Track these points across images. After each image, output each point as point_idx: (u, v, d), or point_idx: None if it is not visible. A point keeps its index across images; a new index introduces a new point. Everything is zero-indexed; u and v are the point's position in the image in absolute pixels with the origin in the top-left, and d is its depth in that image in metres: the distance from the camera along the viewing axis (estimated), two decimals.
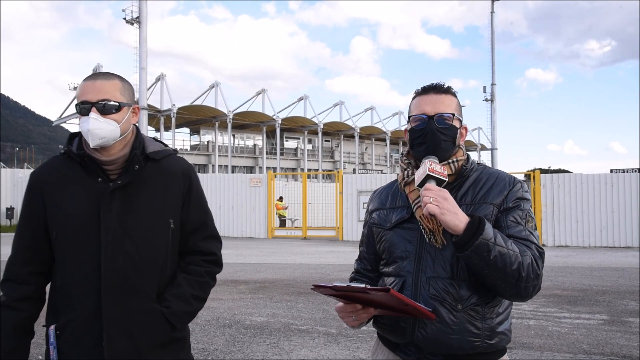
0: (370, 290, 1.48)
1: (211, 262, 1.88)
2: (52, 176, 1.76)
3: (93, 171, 1.72)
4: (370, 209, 1.88)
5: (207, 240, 1.87)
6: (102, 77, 1.73)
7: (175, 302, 1.75)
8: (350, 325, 1.67)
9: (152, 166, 1.78)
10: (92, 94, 1.70)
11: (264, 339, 5.33)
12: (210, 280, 1.87)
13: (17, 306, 1.73)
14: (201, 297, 1.83)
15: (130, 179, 1.72)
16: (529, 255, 1.56)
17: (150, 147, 1.80)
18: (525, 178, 17.74)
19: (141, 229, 1.72)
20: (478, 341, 1.60)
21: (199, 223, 1.85)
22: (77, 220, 1.70)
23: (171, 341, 1.76)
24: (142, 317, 1.70)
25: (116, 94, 1.72)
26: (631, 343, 5.25)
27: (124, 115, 1.73)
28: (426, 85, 1.75)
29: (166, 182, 1.79)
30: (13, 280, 1.75)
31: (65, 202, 1.71)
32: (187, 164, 1.89)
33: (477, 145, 63.00)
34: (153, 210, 1.75)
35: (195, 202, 1.85)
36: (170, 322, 1.73)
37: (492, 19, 44.13)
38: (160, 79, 41.84)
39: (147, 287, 1.72)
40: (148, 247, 1.73)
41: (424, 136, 1.69)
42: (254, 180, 20.20)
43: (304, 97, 49.92)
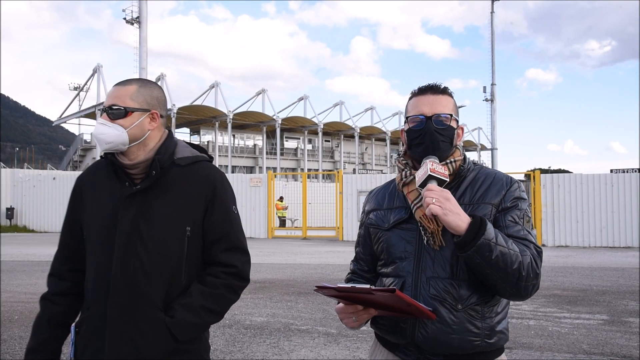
0: (376, 291, 1.47)
1: (231, 274, 1.77)
2: (90, 179, 1.83)
3: (121, 175, 1.76)
4: (366, 209, 1.87)
5: (228, 252, 1.78)
6: (122, 83, 1.76)
7: (180, 312, 1.68)
8: (350, 326, 1.67)
9: (177, 172, 1.76)
10: (108, 100, 1.75)
11: (264, 339, 5.33)
12: (227, 293, 1.76)
13: (55, 300, 1.81)
14: (214, 310, 1.73)
15: (150, 184, 1.71)
16: (528, 255, 1.57)
17: (179, 152, 1.79)
18: (525, 178, 17.74)
19: (154, 234, 1.70)
20: (478, 340, 1.60)
21: (221, 233, 1.77)
22: (100, 223, 1.74)
23: (175, 352, 1.70)
24: (146, 324, 1.67)
25: (126, 99, 1.73)
26: (631, 343, 5.25)
27: (134, 120, 1.72)
28: (423, 86, 1.75)
29: (188, 188, 1.75)
30: (55, 275, 1.84)
31: (95, 204, 1.77)
32: (215, 171, 1.83)
33: (477, 145, 62.99)
34: (169, 216, 1.72)
35: (218, 211, 1.77)
36: (171, 332, 1.67)
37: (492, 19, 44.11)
38: (160, 79, 41.82)
39: (154, 294, 1.68)
40: (159, 253, 1.70)
41: (422, 137, 1.69)
42: (254, 180, 20.20)
43: (304, 97, 49.93)
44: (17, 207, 22.23)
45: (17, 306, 6.74)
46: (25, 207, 22.27)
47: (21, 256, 12.42)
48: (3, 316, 6.19)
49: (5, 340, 5.24)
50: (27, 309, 6.58)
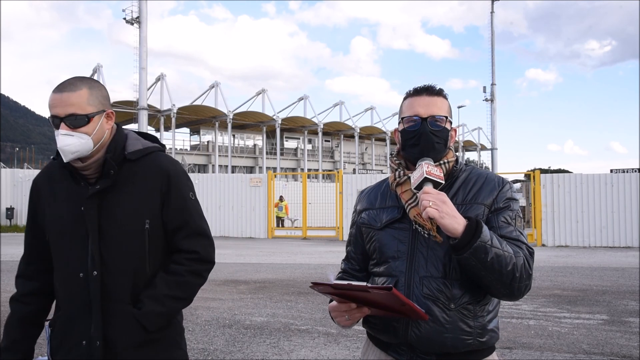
0: (372, 288, 1.48)
1: (193, 259, 1.81)
2: (46, 181, 1.84)
3: (76, 176, 1.77)
4: (358, 208, 1.88)
5: (188, 238, 1.82)
6: (68, 88, 1.69)
7: (147, 304, 1.74)
8: (343, 324, 1.68)
9: (129, 167, 1.77)
10: (60, 108, 1.68)
11: (264, 339, 5.33)
12: (192, 279, 1.81)
13: (24, 300, 1.85)
14: (179, 297, 1.79)
15: (109, 183, 1.74)
16: (521, 256, 1.59)
17: (130, 146, 1.79)
18: (525, 178, 17.74)
19: (115, 232, 1.74)
20: (470, 339, 1.62)
21: (180, 221, 1.81)
22: (61, 224, 1.77)
23: (148, 342, 1.75)
24: (116, 319, 1.72)
25: (84, 105, 1.69)
26: (631, 343, 5.26)
27: (95, 125, 1.71)
28: (418, 87, 1.76)
29: (143, 182, 1.77)
30: (22, 277, 1.88)
31: (54, 205, 1.79)
32: (167, 161, 1.84)
33: (477, 145, 62.96)
34: (127, 212, 1.75)
35: (175, 201, 1.80)
36: (141, 323, 1.72)
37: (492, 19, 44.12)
38: (160, 79, 41.83)
39: (121, 290, 1.74)
40: (122, 250, 1.74)
41: (417, 138, 1.69)
42: (254, 180, 20.20)
43: (304, 97, 49.92)
44: (17, 207, 22.23)
45: None
46: (25, 207, 22.01)
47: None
48: (3, 316, 6.19)
49: None
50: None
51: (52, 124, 1.71)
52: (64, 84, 1.71)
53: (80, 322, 1.73)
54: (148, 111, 32.75)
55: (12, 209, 21.98)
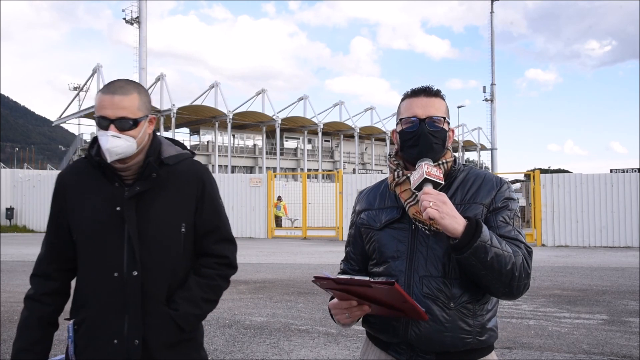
0: (374, 283, 1.47)
1: (223, 264, 1.90)
2: (74, 179, 1.84)
3: (110, 176, 1.79)
4: (357, 209, 1.89)
5: (220, 243, 1.90)
6: (120, 91, 1.74)
7: (183, 305, 1.79)
8: (342, 322, 1.68)
9: (166, 171, 1.82)
10: (111, 110, 1.72)
11: (264, 339, 5.33)
12: (222, 283, 1.90)
13: (43, 300, 1.83)
14: (211, 300, 1.87)
15: (149, 186, 1.78)
16: (520, 255, 1.60)
17: (166, 151, 1.85)
18: (525, 178, 17.73)
19: (154, 234, 1.78)
20: (470, 338, 1.63)
21: (212, 226, 1.88)
22: (95, 223, 1.77)
23: (180, 342, 1.81)
24: (153, 319, 1.75)
25: (134, 110, 1.75)
26: (631, 343, 5.26)
27: (141, 129, 1.77)
28: (416, 88, 1.77)
29: (179, 186, 1.84)
30: (40, 276, 1.85)
31: (85, 204, 1.79)
32: (202, 168, 1.92)
33: (477, 145, 62.94)
34: (166, 215, 1.80)
35: (208, 206, 1.88)
36: (178, 324, 1.78)
37: (491, 19, 44.16)
38: (160, 79, 41.84)
39: (158, 290, 1.78)
40: (160, 253, 1.79)
41: (416, 138, 1.70)
42: (254, 180, 20.20)
43: (304, 97, 49.91)
44: (17, 207, 22.22)
45: (17, 306, 6.74)
46: (25, 207, 22.27)
47: (21, 256, 12.42)
48: (3, 316, 6.19)
49: (5, 341, 5.25)
50: None
51: (97, 123, 1.74)
52: (115, 86, 1.75)
53: (112, 321, 1.74)
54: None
55: (12, 209, 21.98)
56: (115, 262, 1.74)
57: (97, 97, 1.77)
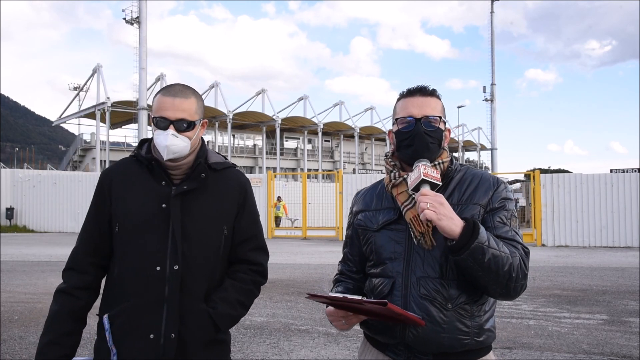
0: (367, 302, 1.50)
1: (257, 272, 1.95)
2: (119, 175, 1.89)
3: (158, 174, 1.85)
4: (355, 210, 1.90)
5: (255, 251, 1.96)
6: (180, 94, 1.83)
7: (221, 305, 1.84)
8: (340, 328, 1.70)
9: (212, 175, 1.90)
10: (171, 112, 1.81)
11: (264, 339, 5.33)
12: (255, 290, 1.95)
13: (75, 293, 1.84)
14: (245, 304, 1.91)
15: (196, 185, 1.84)
16: (517, 256, 1.60)
17: (212, 158, 1.93)
18: (525, 178, 17.73)
19: (198, 232, 1.83)
20: (467, 339, 1.63)
21: (250, 234, 1.95)
22: (140, 217, 1.81)
23: (214, 342, 1.85)
24: (191, 316, 1.78)
25: (192, 113, 1.84)
26: (631, 343, 5.26)
27: (196, 131, 1.86)
28: (412, 88, 1.77)
29: (224, 191, 1.91)
30: (74, 269, 1.86)
31: (130, 199, 1.83)
32: (245, 178, 2.01)
33: (477, 145, 62.94)
34: (209, 216, 1.86)
35: (248, 214, 1.96)
36: (215, 323, 1.82)
37: (491, 19, 44.17)
38: (160, 79, 41.81)
39: (198, 288, 1.81)
40: (202, 250, 1.83)
41: (411, 138, 1.70)
42: (254, 180, 20.20)
43: (304, 97, 49.92)
44: (17, 207, 22.22)
45: (17, 306, 6.75)
46: (25, 207, 22.27)
47: (21, 256, 12.42)
48: (3, 316, 6.19)
49: (5, 340, 5.24)
50: (27, 309, 6.58)
51: (155, 124, 1.81)
52: (175, 89, 1.84)
53: (150, 315, 1.76)
54: (148, 111, 32.73)
55: (12, 209, 21.98)
56: (158, 257, 1.78)
57: (156, 99, 1.85)
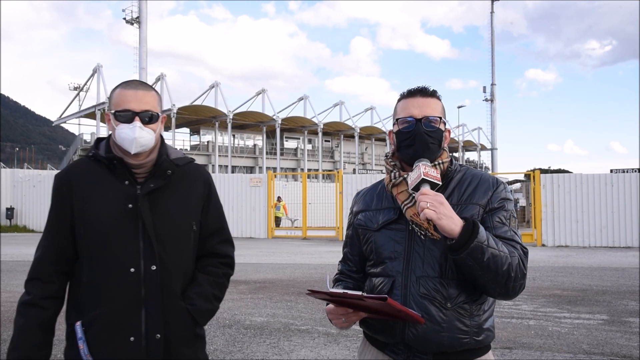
0: (367, 298, 1.50)
1: (227, 264, 1.97)
2: (78, 177, 1.83)
3: (121, 174, 1.81)
4: (355, 210, 1.91)
5: (223, 244, 1.98)
6: (142, 87, 1.83)
7: (199, 300, 1.84)
8: (340, 326, 1.71)
9: (176, 171, 1.88)
10: (136, 103, 1.78)
11: (264, 339, 5.33)
12: (226, 282, 1.96)
13: (43, 304, 1.78)
14: (220, 297, 1.93)
15: (162, 183, 1.82)
16: (516, 256, 1.62)
17: (172, 154, 1.91)
18: (525, 178, 17.73)
19: (169, 231, 1.82)
20: (467, 338, 1.64)
21: (216, 227, 1.96)
22: (107, 219, 1.77)
23: (194, 338, 1.85)
24: (172, 315, 1.78)
25: (156, 105, 1.84)
26: (631, 343, 5.26)
27: (159, 125, 1.85)
28: (412, 88, 1.78)
29: (189, 187, 1.90)
30: (39, 279, 1.80)
31: (93, 202, 1.78)
32: (207, 171, 2.01)
33: (477, 145, 62.94)
34: (178, 213, 1.85)
35: (213, 208, 1.96)
36: (195, 318, 1.82)
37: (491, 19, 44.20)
38: (160, 79, 41.81)
39: (175, 286, 1.81)
40: (175, 249, 1.82)
41: (412, 139, 1.71)
42: (254, 180, 20.20)
43: (304, 97, 49.90)
44: (17, 207, 22.23)
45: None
46: (25, 207, 22.27)
47: (21, 256, 12.41)
48: (3, 316, 6.18)
49: (5, 340, 5.24)
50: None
51: (116, 118, 1.78)
52: (135, 83, 1.85)
53: (128, 318, 1.73)
54: None
55: (12, 209, 21.98)
56: (130, 258, 1.75)
57: (116, 93, 1.81)
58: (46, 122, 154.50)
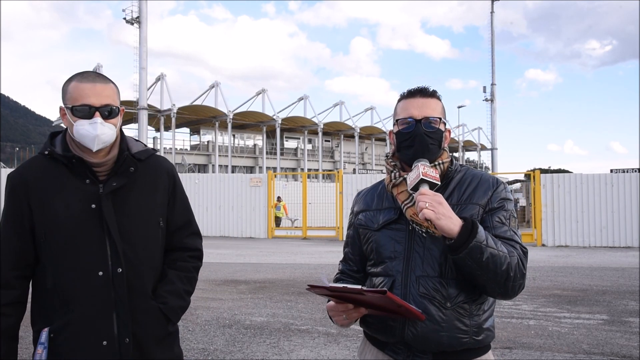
0: (367, 292, 1.50)
1: (196, 257, 1.95)
2: (34, 177, 1.73)
3: (81, 173, 1.72)
4: (355, 210, 1.91)
5: (191, 237, 1.94)
6: (100, 80, 1.74)
7: (170, 298, 1.81)
8: (340, 323, 1.71)
9: (139, 166, 1.80)
10: (95, 98, 1.69)
11: (264, 339, 5.33)
12: (196, 275, 1.95)
13: (5, 311, 1.70)
14: (190, 292, 1.90)
15: (125, 181, 1.75)
16: (515, 256, 1.62)
17: (133, 147, 1.82)
18: (525, 178, 17.72)
19: (134, 230, 1.76)
20: (466, 338, 1.65)
21: (184, 221, 1.92)
22: (70, 222, 1.69)
23: (167, 335, 1.82)
24: (142, 315, 1.74)
25: (115, 98, 1.75)
26: (631, 343, 5.26)
27: (119, 119, 1.76)
28: (412, 89, 1.78)
29: (154, 182, 1.83)
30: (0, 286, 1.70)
31: (54, 203, 1.69)
32: (170, 164, 1.94)
33: (477, 145, 62.95)
34: (144, 211, 1.79)
35: (179, 201, 1.91)
36: (167, 317, 1.80)
37: (491, 19, 44.21)
38: (160, 79, 41.81)
39: (145, 285, 1.77)
40: (142, 248, 1.77)
41: (412, 139, 1.72)
42: (254, 180, 20.20)
43: (304, 97, 49.90)
44: None
45: None
46: None
47: None
48: None
49: None
50: (27, 309, 6.57)
51: (74, 113, 1.68)
52: (91, 75, 1.74)
53: (100, 322, 1.68)
54: (148, 111, 32.78)
55: None
56: (98, 261, 1.69)
57: (71, 87, 1.71)
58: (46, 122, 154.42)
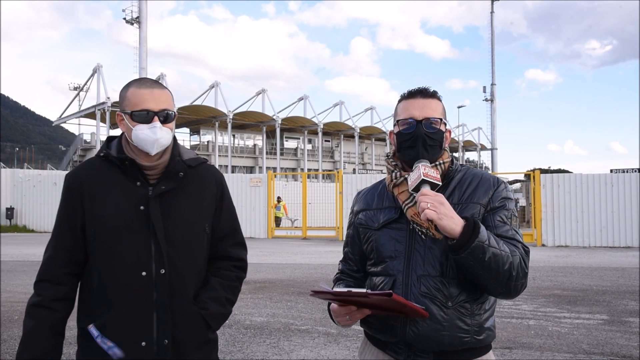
0: (372, 295, 1.50)
1: (240, 267, 1.94)
2: (89, 177, 1.79)
3: (132, 175, 1.76)
4: (355, 209, 1.91)
5: (236, 247, 1.94)
6: (157, 86, 1.78)
7: (212, 305, 1.81)
8: (343, 324, 1.71)
9: (189, 172, 1.83)
10: (154, 103, 1.74)
11: (264, 339, 5.33)
12: (239, 285, 1.93)
13: (53, 306, 1.74)
14: (233, 301, 1.90)
15: (174, 185, 1.78)
16: (518, 255, 1.62)
17: (185, 154, 1.87)
18: (525, 178, 17.72)
19: (180, 234, 1.78)
20: (467, 337, 1.65)
21: (229, 229, 1.92)
22: (118, 221, 1.73)
23: (206, 342, 1.83)
24: (182, 318, 1.75)
25: (171, 104, 1.79)
26: (631, 343, 5.26)
27: (174, 125, 1.81)
28: (413, 90, 1.78)
29: (202, 188, 1.85)
30: (49, 281, 1.76)
31: (105, 203, 1.75)
32: (220, 173, 1.96)
33: (477, 145, 62.96)
34: (190, 215, 1.81)
35: (226, 209, 1.92)
36: (208, 323, 1.80)
37: (491, 19, 44.22)
38: (160, 79, 41.81)
39: (187, 290, 1.78)
40: (186, 252, 1.79)
41: (413, 140, 1.72)
42: (254, 180, 20.21)
43: (304, 97, 49.91)
44: (17, 207, 22.22)
45: (17, 306, 6.74)
46: (25, 207, 22.27)
47: (21, 256, 12.41)
48: (3, 316, 6.19)
49: (5, 340, 5.25)
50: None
51: (133, 118, 1.73)
52: (149, 81, 1.79)
53: (140, 322, 1.70)
54: None
55: (12, 209, 21.98)
56: (142, 261, 1.71)
57: (130, 93, 1.76)
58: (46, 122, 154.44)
